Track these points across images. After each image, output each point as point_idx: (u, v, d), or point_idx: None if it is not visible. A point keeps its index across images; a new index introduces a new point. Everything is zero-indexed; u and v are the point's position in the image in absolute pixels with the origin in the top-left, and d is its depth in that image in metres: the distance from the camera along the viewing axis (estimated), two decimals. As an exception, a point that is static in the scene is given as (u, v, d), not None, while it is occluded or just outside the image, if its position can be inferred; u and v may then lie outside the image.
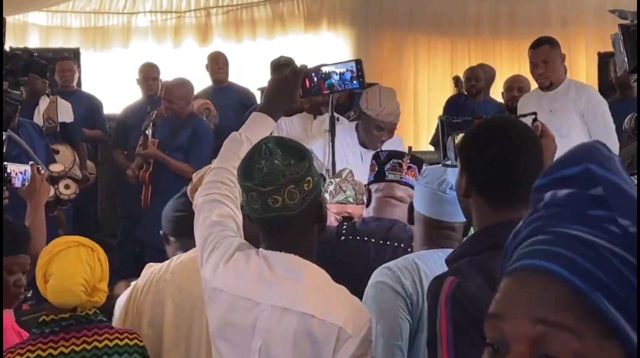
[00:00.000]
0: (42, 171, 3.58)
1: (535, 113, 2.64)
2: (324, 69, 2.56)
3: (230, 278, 2.09)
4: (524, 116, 2.76)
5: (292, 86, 2.44)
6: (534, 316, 0.83)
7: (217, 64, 7.14)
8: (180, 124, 5.92)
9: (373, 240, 2.92)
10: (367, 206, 3.06)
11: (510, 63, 9.18)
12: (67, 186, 5.42)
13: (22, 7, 8.23)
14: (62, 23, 9.41)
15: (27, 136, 5.41)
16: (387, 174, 3.03)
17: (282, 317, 2.01)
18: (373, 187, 3.05)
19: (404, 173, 3.04)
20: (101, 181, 6.98)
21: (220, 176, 2.27)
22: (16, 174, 3.54)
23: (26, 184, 3.52)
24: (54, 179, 5.46)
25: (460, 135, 2.44)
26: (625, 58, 2.88)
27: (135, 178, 5.95)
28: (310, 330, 1.98)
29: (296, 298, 2.02)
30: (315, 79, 2.53)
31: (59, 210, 5.56)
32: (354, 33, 9.50)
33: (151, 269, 2.79)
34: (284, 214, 2.04)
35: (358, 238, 2.91)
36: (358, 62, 2.59)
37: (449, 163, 2.42)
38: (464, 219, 2.60)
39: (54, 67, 6.85)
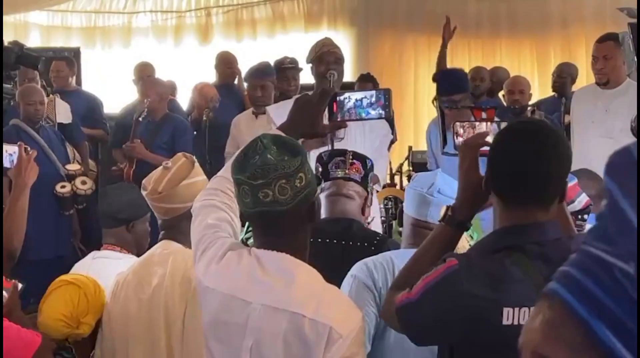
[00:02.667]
0: (30, 152, 3.46)
1: (534, 105, 2.65)
2: (342, 97, 2.50)
3: (222, 277, 2.08)
4: (524, 107, 2.77)
5: (316, 109, 2.33)
6: (534, 350, 0.82)
7: (225, 64, 7.12)
8: (158, 124, 5.96)
9: (335, 241, 2.91)
10: None
11: (510, 63, 9.18)
12: (83, 182, 5.54)
13: (22, 7, 8.24)
14: (63, 22, 9.42)
15: (46, 138, 5.64)
16: (331, 172, 3.03)
17: (273, 317, 2.00)
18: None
19: (347, 170, 3.04)
20: (102, 181, 6.98)
21: (221, 185, 2.26)
22: (9, 154, 3.46)
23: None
24: (70, 177, 5.54)
25: (457, 124, 2.47)
26: (635, 57, 2.84)
27: (119, 171, 5.96)
28: (301, 330, 1.97)
29: (287, 297, 2.01)
30: (334, 106, 2.46)
31: (74, 219, 5.64)
32: (354, 33, 9.51)
33: (118, 277, 2.85)
34: (274, 209, 2.03)
35: (320, 240, 2.87)
36: (387, 92, 2.53)
37: (448, 151, 2.44)
38: None
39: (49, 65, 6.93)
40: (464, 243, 2.87)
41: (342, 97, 2.45)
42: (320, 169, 3.05)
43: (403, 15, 9.54)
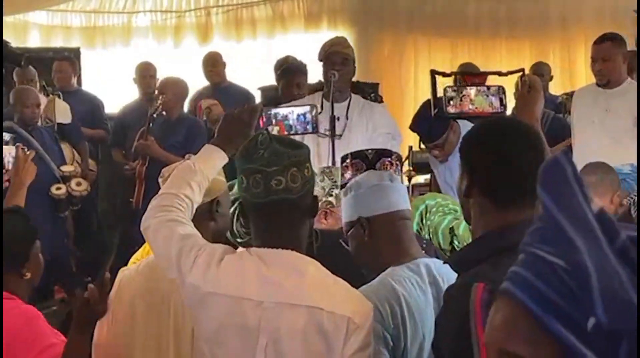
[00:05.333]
0: (28, 152, 3.48)
1: (523, 69, 2.65)
2: (283, 111, 2.57)
3: (227, 281, 2.06)
4: (512, 72, 2.77)
5: (246, 125, 2.43)
6: (500, 347, 0.87)
7: (207, 66, 7.15)
8: (173, 124, 5.94)
9: None
10: None
11: (509, 63, 9.17)
12: (78, 183, 5.51)
13: (22, 7, 8.23)
14: (63, 22, 9.40)
15: (40, 139, 5.61)
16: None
17: (289, 313, 2.00)
18: None
19: (394, 172, 3.02)
20: (101, 181, 6.98)
21: (171, 201, 2.25)
22: (11, 157, 3.51)
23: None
24: (65, 179, 5.52)
25: (449, 89, 2.45)
26: None
27: (132, 170, 5.93)
28: (320, 323, 1.98)
29: (301, 292, 2.01)
30: (273, 120, 2.53)
31: (68, 218, 5.62)
32: (354, 33, 9.48)
33: (122, 274, 2.77)
34: (286, 197, 2.05)
35: None
36: (313, 108, 2.62)
37: (440, 115, 2.43)
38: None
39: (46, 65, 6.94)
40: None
41: (270, 113, 2.53)
42: (364, 166, 3.02)
43: (403, 16, 9.53)
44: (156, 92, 6.10)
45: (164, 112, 5.86)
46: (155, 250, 2.24)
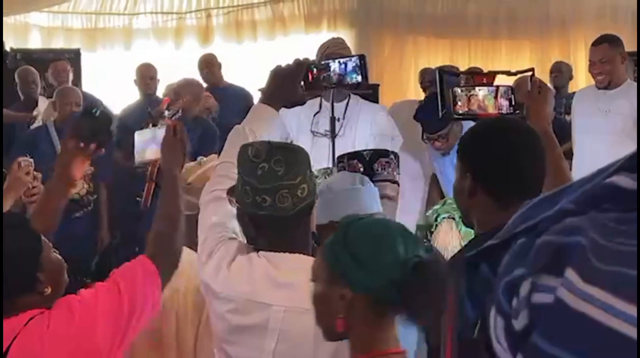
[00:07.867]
0: (23, 166, 3.41)
1: (533, 69, 2.66)
2: (325, 62, 2.55)
3: (236, 283, 2.06)
4: (522, 72, 2.77)
5: (294, 78, 2.41)
6: None
7: (202, 68, 7.14)
8: (188, 124, 5.93)
9: None
10: None
11: (509, 64, 9.19)
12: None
13: (23, 8, 8.24)
14: (63, 24, 9.42)
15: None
16: (376, 173, 2.97)
17: (300, 318, 1.98)
18: None
19: (392, 171, 2.99)
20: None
21: (227, 170, 2.24)
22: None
23: None
24: None
25: (457, 89, 2.46)
26: None
27: (144, 168, 5.95)
28: None
29: (309, 295, 2.01)
30: (315, 70, 2.51)
31: (102, 222, 5.66)
32: (354, 34, 9.50)
33: None
34: (311, 201, 2.09)
35: None
36: (362, 58, 2.59)
37: (447, 115, 2.43)
38: None
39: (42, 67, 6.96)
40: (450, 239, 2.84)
41: (321, 64, 2.51)
42: (361, 167, 2.98)
43: (403, 17, 9.55)
44: (173, 95, 6.08)
45: (178, 113, 5.84)
46: (198, 229, 2.24)
